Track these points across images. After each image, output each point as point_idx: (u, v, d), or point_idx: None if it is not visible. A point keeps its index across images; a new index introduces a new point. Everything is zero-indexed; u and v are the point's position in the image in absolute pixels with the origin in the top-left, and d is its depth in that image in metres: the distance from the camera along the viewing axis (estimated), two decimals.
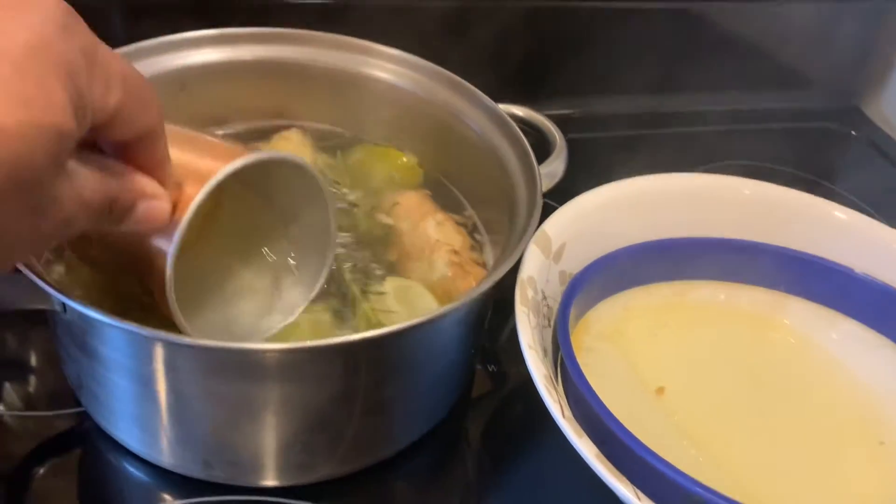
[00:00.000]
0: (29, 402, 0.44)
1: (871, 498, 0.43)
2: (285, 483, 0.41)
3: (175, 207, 0.31)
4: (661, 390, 0.46)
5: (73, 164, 0.26)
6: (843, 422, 0.46)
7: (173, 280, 0.33)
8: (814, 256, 0.50)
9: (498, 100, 0.50)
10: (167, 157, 0.30)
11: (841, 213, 0.51)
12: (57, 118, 0.24)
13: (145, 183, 0.29)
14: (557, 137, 0.49)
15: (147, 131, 0.28)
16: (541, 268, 0.44)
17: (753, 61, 0.78)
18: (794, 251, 0.50)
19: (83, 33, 0.25)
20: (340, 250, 0.45)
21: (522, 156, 0.45)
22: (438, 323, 0.38)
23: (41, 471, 0.42)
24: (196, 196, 0.31)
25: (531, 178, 0.43)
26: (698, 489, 0.34)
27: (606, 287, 0.49)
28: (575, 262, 0.47)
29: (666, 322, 0.50)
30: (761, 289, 0.51)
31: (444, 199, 0.50)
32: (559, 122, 0.55)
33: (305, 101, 0.52)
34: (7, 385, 0.45)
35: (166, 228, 0.31)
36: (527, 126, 0.49)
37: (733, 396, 0.47)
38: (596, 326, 0.48)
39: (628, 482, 0.34)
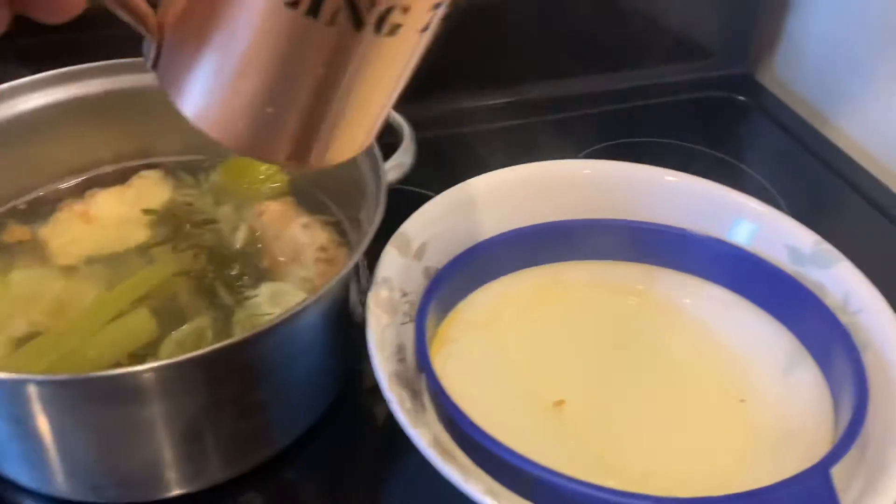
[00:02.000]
0: None
1: (731, 454, 0.45)
2: (179, 492, 0.43)
3: None
4: (528, 368, 0.48)
5: None
6: (708, 384, 0.48)
7: None
8: (669, 227, 0.52)
9: None
10: None
11: (671, 177, 0.53)
12: None
13: None
14: (405, 129, 0.50)
15: None
16: (399, 267, 0.46)
17: (637, 36, 0.80)
18: (653, 224, 0.52)
19: None
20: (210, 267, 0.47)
21: (368, 151, 0.46)
22: (296, 322, 0.40)
23: None
24: None
25: (377, 172, 0.45)
26: (523, 463, 0.36)
27: (477, 277, 0.51)
28: (441, 258, 0.49)
29: (542, 304, 0.52)
30: (632, 264, 0.53)
31: (311, 203, 0.52)
32: (439, 118, 0.57)
33: (159, 133, 0.53)
34: None
35: None
36: None
37: (603, 369, 0.49)
38: (468, 316, 0.50)
39: (456, 466, 0.36)
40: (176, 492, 0.43)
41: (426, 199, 0.50)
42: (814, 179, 0.74)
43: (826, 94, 0.79)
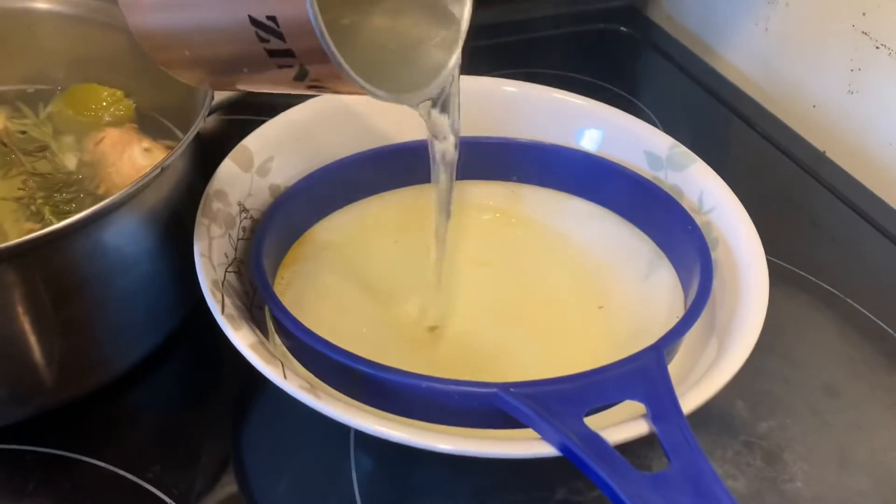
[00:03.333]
0: None
1: (588, 359, 0.44)
2: (13, 417, 0.40)
3: None
4: (387, 289, 0.46)
5: None
6: (569, 294, 0.47)
7: None
8: (531, 143, 0.50)
9: None
10: None
11: (510, 87, 0.52)
12: None
13: None
14: None
15: None
16: (237, 181, 0.44)
17: None
18: (513, 140, 0.51)
19: None
20: (40, 193, 0.45)
21: None
22: (100, 229, 0.37)
23: None
24: None
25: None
26: (339, 355, 0.34)
27: (333, 198, 0.49)
28: (291, 176, 0.47)
29: (404, 226, 0.50)
30: (496, 182, 0.52)
31: (156, 129, 0.50)
32: None
33: None
34: None
35: None
36: None
37: (465, 287, 0.47)
38: (323, 237, 0.48)
39: (278, 364, 0.34)
40: (9, 417, 0.40)
41: None
42: (700, 109, 0.74)
43: (710, 24, 0.79)
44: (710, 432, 0.44)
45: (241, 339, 0.35)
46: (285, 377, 0.33)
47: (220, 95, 0.45)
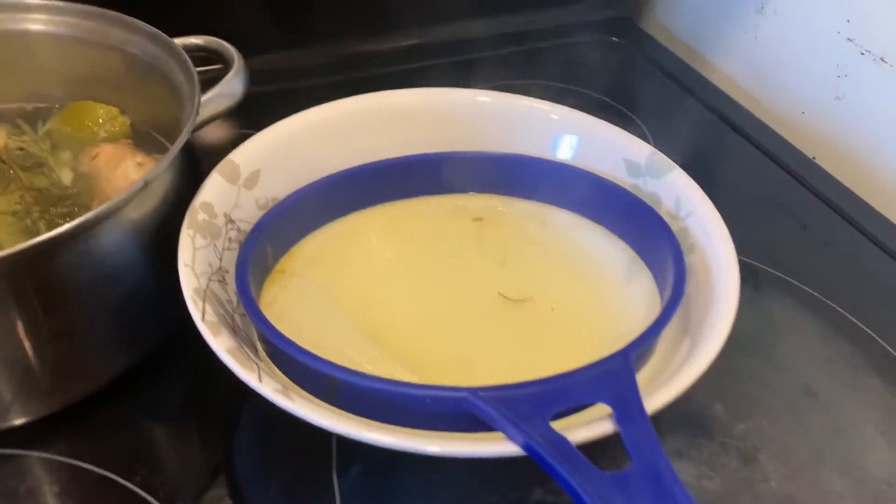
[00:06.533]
0: None
1: (546, 360, 0.44)
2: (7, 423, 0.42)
3: None
4: (372, 304, 0.47)
5: None
6: (552, 301, 0.48)
7: None
8: (514, 156, 0.51)
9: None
10: None
11: (484, 97, 0.53)
12: None
13: None
14: (236, 58, 0.49)
15: None
16: (223, 193, 0.45)
17: None
18: (495, 154, 0.52)
19: None
20: (35, 208, 0.46)
21: (189, 79, 0.46)
22: (87, 240, 0.39)
23: None
24: None
25: (192, 100, 0.44)
26: (314, 361, 0.35)
27: (322, 213, 0.50)
28: (279, 189, 0.49)
29: (391, 241, 0.51)
30: (481, 195, 0.53)
31: (150, 145, 0.51)
32: (319, 67, 0.54)
33: None
34: None
35: None
36: (209, 53, 0.50)
37: (451, 299, 0.48)
38: (312, 252, 0.49)
39: (254, 367, 0.35)
40: (2, 421, 0.42)
41: None
42: (692, 118, 0.75)
43: (702, 34, 0.80)
44: (687, 434, 0.45)
45: (220, 343, 0.36)
46: (260, 381, 0.35)
47: (205, 113, 0.47)
